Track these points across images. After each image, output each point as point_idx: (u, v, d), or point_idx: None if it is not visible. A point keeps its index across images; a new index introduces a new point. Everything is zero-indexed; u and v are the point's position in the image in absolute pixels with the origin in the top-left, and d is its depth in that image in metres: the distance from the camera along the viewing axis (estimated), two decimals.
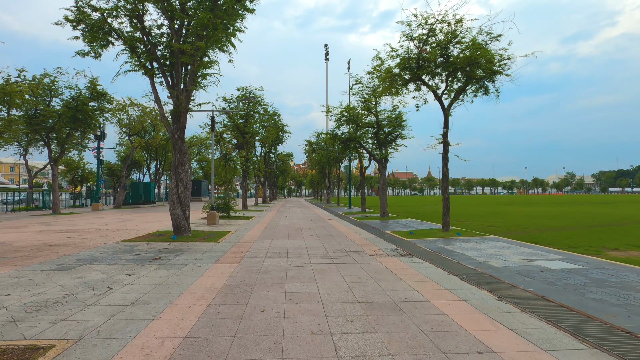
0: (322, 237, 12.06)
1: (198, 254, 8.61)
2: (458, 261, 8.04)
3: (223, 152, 20.97)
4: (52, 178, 28.91)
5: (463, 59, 11.94)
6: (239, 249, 9.41)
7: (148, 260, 7.83)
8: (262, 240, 11.32)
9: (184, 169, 11.78)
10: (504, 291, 5.57)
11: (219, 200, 20.46)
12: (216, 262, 7.65)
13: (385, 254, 8.97)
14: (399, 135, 22.83)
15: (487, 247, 9.79)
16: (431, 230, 13.77)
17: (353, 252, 9.17)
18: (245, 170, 29.30)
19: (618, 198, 68.46)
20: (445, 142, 13.23)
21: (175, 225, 11.63)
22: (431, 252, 9.22)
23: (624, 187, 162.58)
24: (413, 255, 8.71)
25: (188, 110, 11.67)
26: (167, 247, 9.60)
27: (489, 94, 13.34)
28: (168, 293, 5.30)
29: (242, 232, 13.37)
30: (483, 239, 11.53)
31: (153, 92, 11.94)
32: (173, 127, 11.73)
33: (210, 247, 9.69)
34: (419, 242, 11.05)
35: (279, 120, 40.20)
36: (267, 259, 8.13)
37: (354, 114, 22.64)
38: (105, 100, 30.74)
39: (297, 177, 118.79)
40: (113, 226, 15.95)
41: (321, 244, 10.59)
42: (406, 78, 13.17)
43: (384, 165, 21.95)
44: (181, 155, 11.74)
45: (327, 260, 8.03)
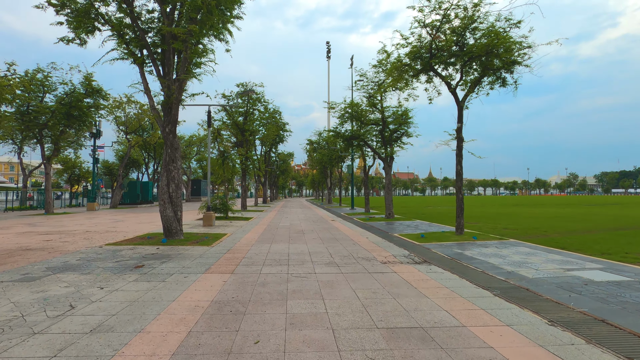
0: (326, 241, 11.06)
1: (187, 261, 7.61)
2: (483, 270, 7.04)
3: (221, 150, 19.98)
4: (45, 177, 27.97)
5: (480, 47, 10.93)
6: (234, 255, 8.42)
7: (129, 268, 6.84)
8: (260, 244, 10.33)
9: (176, 165, 10.80)
10: (552, 312, 4.57)
11: (217, 200, 19.49)
12: (206, 272, 6.65)
13: (399, 261, 7.97)
14: (404, 133, 21.84)
15: (510, 254, 8.78)
16: (443, 233, 12.76)
17: (362, 258, 8.17)
18: (244, 170, 28.31)
19: (624, 199, 67.32)
20: (460, 137, 12.23)
21: (166, 227, 10.64)
22: (449, 259, 8.22)
23: (627, 189, 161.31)
24: (430, 263, 7.71)
25: (180, 102, 10.69)
26: (154, 253, 8.61)
27: (506, 86, 12.34)
28: (142, 314, 4.30)
29: (239, 235, 12.38)
30: (503, 243, 10.52)
31: (142, 82, 10.96)
32: (164, 120, 10.75)
33: (203, 252, 8.70)
34: (432, 246, 10.05)
35: (280, 119, 39.24)
36: (265, 267, 7.14)
37: (358, 110, 21.64)
38: (101, 97, 29.79)
39: (297, 177, 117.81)
40: (102, 227, 14.97)
41: (325, 248, 9.59)
42: (417, 68, 12.17)
43: (389, 164, 20.95)
44: (173, 151, 10.75)
45: (334, 269, 7.03)
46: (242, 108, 28.65)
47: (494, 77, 12.22)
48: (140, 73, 11.00)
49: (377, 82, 19.67)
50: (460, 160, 12.29)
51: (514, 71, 11.96)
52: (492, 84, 12.56)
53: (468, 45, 11.25)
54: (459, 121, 12.25)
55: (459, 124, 12.25)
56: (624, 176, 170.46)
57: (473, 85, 11.61)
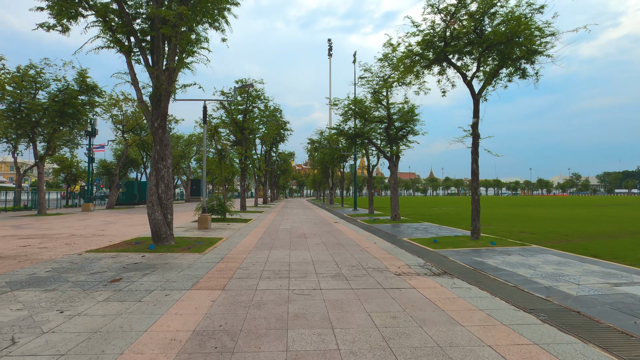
0: (331, 247, 10.08)
1: (173, 273, 6.63)
2: (516, 285, 6.05)
3: (218, 148, 19.01)
4: (38, 176, 27.04)
5: (500, 34, 9.94)
6: (228, 265, 7.44)
7: (103, 283, 5.86)
8: (258, 250, 9.35)
9: (166, 164, 9.82)
10: (624, 348, 3.58)
11: (214, 201, 18.52)
12: (193, 287, 5.67)
13: (415, 272, 6.99)
14: (410, 131, 20.85)
15: (539, 263, 7.79)
16: (457, 237, 11.77)
17: (373, 269, 7.19)
18: (243, 169, 27.33)
19: (630, 200, 66.19)
20: (475, 133, 11.23)
21: (155, 232, 9.67)
22: (472, 270, 7.23)
23: (630, 189, 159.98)
24: (452, 275, 6.72)
25: (171, 94, 9.71)
26: (138, 262, 7.63)
27: (526, 78, 11.35)
28: (99, 354, 3.33)
29: (235, 239, 11.41)
30: (526, 250, 9.53)
31: (129, 72, 9.99)
32: (152, 114, 9.78)
33: (193, 262, 7.72)
34: (448, 253, 9.06)
35: (280, 117, 38.27)
36: (262, 280, 6.16)
37: (362, 107, 20.64)
38: (96, 94, 28.85)
39: (298, 177, 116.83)
40: (91, 230, 14.01)
41: (330, 256, 8.61)
42: (430, 58, 11.18)
43: (395, 164, 19.95)
44: (162, 148, 9.78)
45: (342, 283, 6.05)
46: (241, 105, 27.68)
47: (512, 68, 11.24)
48: (127, 62, 10.03)
49: (382, 77, 18.69)
50: (476, 159, 11.30)
51: (535, 61, 10.98)
52: (511, 75, 11.58)
53: (487, 32, 10.26)
54: (475, 116, 11.26)
55: (474, 119, 11.25)
56: (627, 176, 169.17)
57: (491, 77, 10.61)
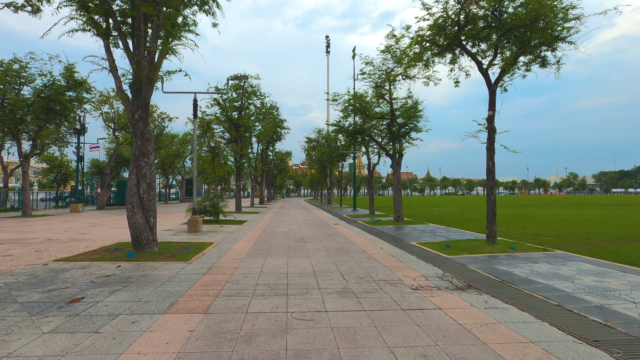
0: (333, 253, 9.04)
1: (148, 289, 5.56)
2: (559, 303, 5.04)
3: (212, 146, 17.92)
4: (22, 176, 25.80)
5: (522, 16, 8.95)
6: (216, 277, 6.38)
7: (59, 304, 4.79)
8: (252, 258, 8.29)
9: (148, 161, 8.73)
10: None
11: (206, 202, 17.43)
12: (169, 310, 4.61)
13: (434, 285, 5.97)
14: (413, 128, 19.88)
15: (574, 273, 6.80)
16: (471, 242, 10.77)
17: (385, 281, 6.16)
18: (239, 168, 26.22)
19: (630, 199, 65.71)
20: (491, 127, 10.24)
21: (135, 237, 8.57)
22: (500, 282, 6.22)
23: (627, 188, 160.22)
24: (479, 290, 5.70)
25: (153, 81, 8.62)
26: (111, 274, 6.55)
27: (546, 66, 10.38)
28: None
29: (227, 244, 10.34)
30: (551, 256, 8.54)
31: (107, 58, 8.89)
32: (132, 104, 8.68)
33: (175, 273, 6.65)
34: (466, 261, 8.05)
35: (277, 115, 37.19)
36: (255, 299, 5.10)
37: (363, 102, 19.61)
38: (84, 90, 27.64)
39: (296, 176, 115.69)
40: (71, 234, 12.88)
41: (334, 265, 7.57)
42: (441, 44, 10.16)
43: (398, 162, 18.94)
44: (144, 143, 8.69)
45: (352, 302, 5.01)
46: (236, 102, 26.56)
47: (532, 55, 10.26)
48: (105, 47, 8.92)
49: (385, 70, 17.68)
50: (492, 155, 10.30)
51: (557, 48, 10.00)
52: (529, 64, 10.61)
53: (507, 14, 9.26)
54: (491, 108, 10.26)
55: (490, 111, 10.25)
56: (624, 176, 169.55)
57: (510, 64, 9.59)
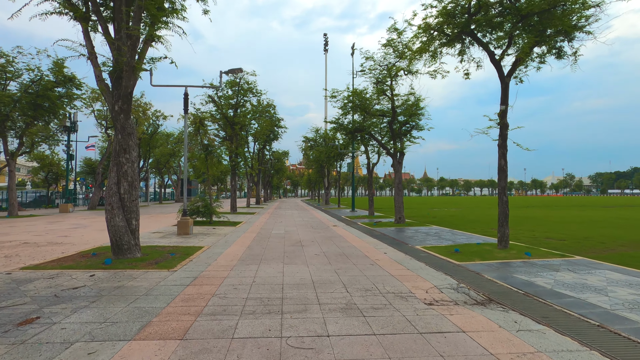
0: (334, 259, 8.27)
1: (120, 305, 4.76)
2: (601, 324, 4.30)
3: (205, 143, 17.10)
4: (9, 175, 24.83)
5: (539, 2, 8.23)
6: (201, 289, 5.58)
7: (5, 327, 3.97)
8: (244, 265, 7.50)
9: (129, 157, 7.92)
10: None
11: (199, 202, 16.60)
12: (138, 335, 3.81)
13: (450, 298, 5.22)
14: (415, 126, 19.17)
15: (604, 284, 6.07)
16: (481, 246, 10.03)
17: (394, 294, 5.40)
18: (234, 167, 25.39)
19: (628, 200, 65.46)
20: (504, 123, 9.51)
21: (115, 241, 7.75)
22: (524, 295, 5.48)
23: (623, 189, 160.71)
24: (504, 306, 4.95)
25: (134, 69, 7.80)
26: (80, 286, 5.73)
27: (562, 58, 9.68)
28: None
29: (218, 249, 9.53)
30: (571, 263, 7.81)
31: (86, 44, 8.09)
32: (113, 94, 7.87)
33: (155, 284, 5.85)
34: (479, 268, 7.31)
35: (274, 113, 36.40)
36: (243, 319, 4.32)
37: (363, 99, 18.85)
38: (74, 86, 26.70)
39: (293, 176, 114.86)
40: (52, 236, 12.03)
41: (335, 273, 6.80)
42: (450, 32, 9.41)
43: (399, 161, 18.21)
44: (125, 137, 7.87)
45: (358, 322, 4.24)
46: (232, 99, 25.73)
47: (547, 46, 9.56)
48: (83, 32, 8.12)
49: (387, 65, 16.94)
50: (505, 153, 9.57)
51: (574, 38, 9.30)
52: (543, 56, 9.90)
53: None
54: (503, 102, 9.53)
55: (502, 106, 9.52)
56: (620, 177, 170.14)
57: (525, 53, 8.86)
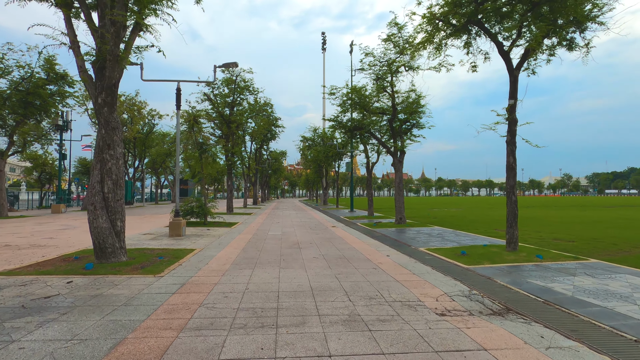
0: (334, 262, 7.75)
1: (93, 318, 4.21)
2: (638, 338, 3.80)
3: (199, 141, 16.54)
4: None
5: None
6: (187, 298, 5.04)
7: None
8: (237, 270, 6.96)
9: (114, 154, 7.36)
10: None
11: (193, 203, 16.05)
12: (108, 357, 3.27)
13: (463, 307, 4.71)
14: (415, 124, 18.71)
15: (627, 290, 5.57)
16: (488, 248, 9.53)
17: (401, 303, 4.88)
18: (230, 166, 24.81)
19: (627, 200, 65.34)
20: (512, 119, 9.02)
21: (98, 244, 7.19)
22: (543, 304, 4.98)
23: (620, 189, 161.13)
24: (525, 316, 4.44)
25: (119, 59, 7.25)
26: (54, 295, 5.18)
27: (573, 50, 9.20)
28: None
29: (211, 251, 8.99)
30: (587, 267, 7.33)
31: (68, 32, 7.53)
32: (96, 86, 7.32)
33: (137, 292, 5.30)
34: (490, 272, 6.81)
35: (272, 112, 35.84)
36: (232, 335, 3.78)
37: (362, 96, 18.34)
38: (67, 84, 26.05)
39: (290, 177, 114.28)
40: (36, 238, 11.43)
41: (335, 279, 6.27)
42: (456, 22, 8.92)
43: (400, 160, 17.72)
44: (109, 132, 7.32)
45: (363, 337, 3.71)
46: (228, 98, 25.12)
47: (557, 37, 9.08)
48: (65, 19, 7.56)
49: (387, 61, 16.45)
50: (514, 150, 9.07)
51: (586, 29, 8.83)
52: (552, 48, 9.43)
53: None
54: (512, 97, 9.04)
55: (511, 100, 9.03)
56: (617, 177, 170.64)
57: (537, 42, 8.36)
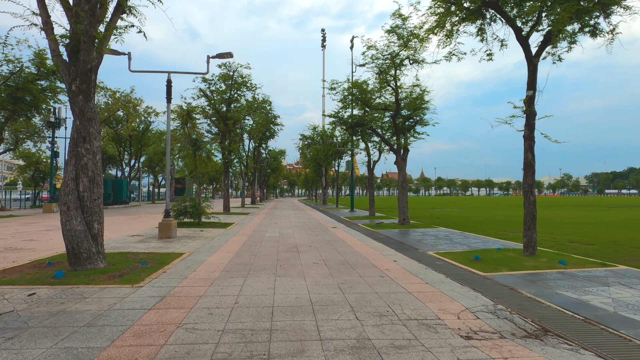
0: (336, 269, 6.98)
1: (43, 345, 3.44)
2: None
3: (193, 138, 15.74)
4: None
5: None
6: (164, 316, 4.27)
7: None
8: (227, 278, 6.18)
9: (90, 147, 6.57)
10: None
11: (186, 202, 15.25)
12: None
13: (492, 328, 3.94)
14: (419, 121, 17.97)
15: None
16: (502, 252, 8.77)
17: (417, 322, 4.11)
18: (227, 165, 24.00)
19: (629, 200, 64.74)
20: (531, 111, 8.26)
21: (71, 249, 6.40)
22: (583, 322, 4.22)
23: (620, 189, 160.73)
24: (568, 340, 3.67)
25: (95, 40, 6.45)
26: (7, 311, 4.40)
27: (597, 36, 8.45)
28: None
29: (201, 256, 8.21)
30: (617, 274, 6.58)
31: (40, 13, 6.74)
32: (70, 72, 6.52)
33: (107, 308, 4.52)
34: (511, 281, 6.05)
35: (270, 109, 35.04)
36: None
37: (364, 91, 17.56)
38: (58, 79, 25.27)
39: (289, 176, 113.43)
40: (15, 240, 10.64)
41: (339, 290, 5.51)
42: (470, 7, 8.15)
43: (403, 158, 16.95)
44: (84, 124, 6.53)
45: None
46: (225, 94, 24.25)
47: (579, 23, 8.32)
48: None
49: (390, 54, 15.68)
50: (532, 145, 8.31)
51: (612, 13, 8.07)
52: (573, 35, 8.68)
53: None
54: (531, 87, 8.28)
55: (530, 91, 8.27)
56: (616, 177, 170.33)
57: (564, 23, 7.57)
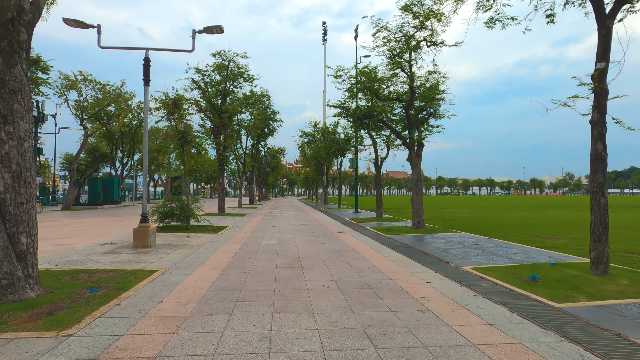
0: (355, 298, 5.14)
1: None
2: None
3: (180, 130, 13.90)
4: None
5: None
6: None
7: None
8: (202, 317, 4.34)
9: (15, 131, 4.74)
10: None
11: (173, 204, 13.41)
12: None
13: None
14: (432, 114, 16.17)
15: None
16: (559, 269, 6.93)
17: None
18: (222, 162, 22.12)
19: (633, 200, 63.01)
20: (602, 89, 6.44)
21: None
22: None
23: (623, 189, 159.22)
24: None
25: None
26: None
27: None
28: None
29: (176, 275, 6.36)
30: None
31: None
32: None
33: None
34: (605, 318, 4.23)
35: (269, 104, 33.19)
36: None
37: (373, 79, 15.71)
38: (40, 69, 23.36)
39: (289, 175, 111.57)
40: None
41: (368, 341, 3.66)
42: None
43: (418, 154, 15.11)
44: (5, 98, 4.69)
45: None
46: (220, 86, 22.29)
47: None
48: None
49: (404, 35, 13.83)
50: (603, 133, 6.49)
51: None
52: None
53: None
54: (602, 58, 6.45)
55: (600, 63, 6.45)
56: (618, 176, 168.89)
57: None
